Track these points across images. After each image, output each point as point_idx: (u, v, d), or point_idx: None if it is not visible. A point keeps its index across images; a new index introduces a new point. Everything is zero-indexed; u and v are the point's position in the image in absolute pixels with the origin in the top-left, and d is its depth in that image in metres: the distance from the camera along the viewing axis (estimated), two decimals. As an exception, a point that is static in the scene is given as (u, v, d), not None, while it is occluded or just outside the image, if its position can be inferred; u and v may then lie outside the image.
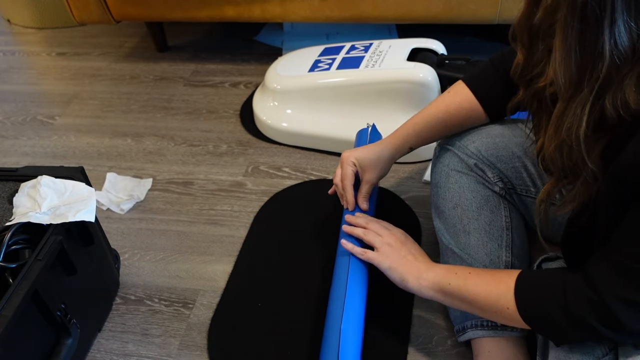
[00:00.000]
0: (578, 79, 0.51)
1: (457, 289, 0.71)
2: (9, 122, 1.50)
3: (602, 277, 0.57)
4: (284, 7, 1.45)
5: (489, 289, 0.68)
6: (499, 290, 0.67)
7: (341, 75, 1.23)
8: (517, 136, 0.87)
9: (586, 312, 0.57)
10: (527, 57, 0.66)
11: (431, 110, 0.89)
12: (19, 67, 1.77)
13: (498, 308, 0.66)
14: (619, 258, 0.55)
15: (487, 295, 0.68)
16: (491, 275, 0.70)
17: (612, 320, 0.56)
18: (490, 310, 0.68)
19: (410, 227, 1.09)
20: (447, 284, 0.73)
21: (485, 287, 0.69)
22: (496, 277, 0.69)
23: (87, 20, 1.59)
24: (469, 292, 0.70)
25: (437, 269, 0.76)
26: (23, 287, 0.69)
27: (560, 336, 0.63)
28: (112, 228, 1.14)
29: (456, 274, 0.73)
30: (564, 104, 0.54)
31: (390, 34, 1.71)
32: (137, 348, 0.92)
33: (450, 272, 0.74)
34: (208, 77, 1.62)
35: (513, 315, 0.65)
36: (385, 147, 0.92)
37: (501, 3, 1.34)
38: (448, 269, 0.75)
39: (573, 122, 0.53)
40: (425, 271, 0.76)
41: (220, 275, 1.03)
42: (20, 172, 0.86)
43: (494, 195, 0.86)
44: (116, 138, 1.41)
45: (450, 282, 0.72)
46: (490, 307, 0.68)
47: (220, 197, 1.20)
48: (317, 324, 0.90)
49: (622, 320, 0.55)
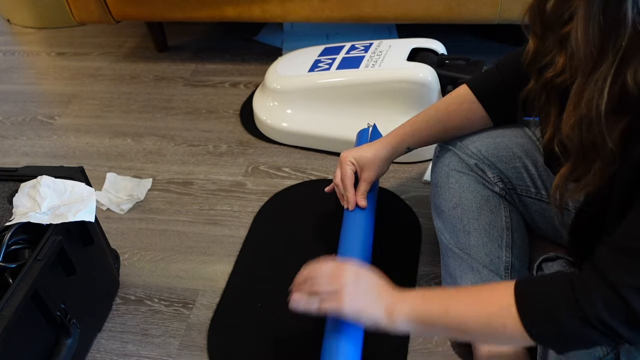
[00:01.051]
0: (600, 49, 0.50)
1: (438, 318, 0.63)
2: (9, 122, 1.50)
3: (612, 266, 0.54)
4: (284, 7, 1.45)
5: (477, 311, 0.61)
6: (489, 309, 0.61)
7: (341, 75, 1.23)
8: (518, 137, 0.87)
9: (600, 307, 0.53)
10: (539, 46, 0.65)
11: (431, 111, 0.89)
12: (19, 67, 1.77)
13: (493, 329, 0.61)
14: (629, 245, 0.53)
15: (476, 318, 0.61)
16: (475, 295, 0.64)
17: (629, 313, 0.52)
18: (482, 335, 0.63)
19: (410, 227, 1.09)
20: (426, 314, 0.64)
21: (471, 310, 0.62)
22: (482, 296, 0.63)
23: (87, 20, 1.59)
24: (453, 318, 0.62)
25: (411, 298, 0.66)
26: (23, 287, 0.69)
27: (568, 343, 0.58)
28: (112, 228, 1.14)
29: (433, 301, 0.65)
30: (584, 79, 0.53)
31: (390, 34, 1.71)
32: (137, 348, 0.92)
33: (426, 299, 0.65)
34: (208, 77, 1.62)
35: (514, 334, 0.59)
36: (382, 147, 0.91)
37: (501, 3, 1.34)
38: (423, 295, 0.66)
39: (594, 96, 0.52)
40: (398, 303, 0.66)
41: (220, 275, 1.03)
42: (20, 172, 0.86)
43: (494, 195, 0.86)
44: (116, 138, 1.41)
45: (429, 311, 0.64)
46: (482, 331, 0.62)
47: (220, 197, 1.20)
48: (317, 324, 0.90)
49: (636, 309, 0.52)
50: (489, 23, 1.41)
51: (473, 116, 0.86)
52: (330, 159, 1.27)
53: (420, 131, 0.90)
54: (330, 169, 1.24)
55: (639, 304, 0.52)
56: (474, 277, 0.82)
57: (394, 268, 1.00)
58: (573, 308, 0.55)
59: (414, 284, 0.98)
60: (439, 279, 0.93)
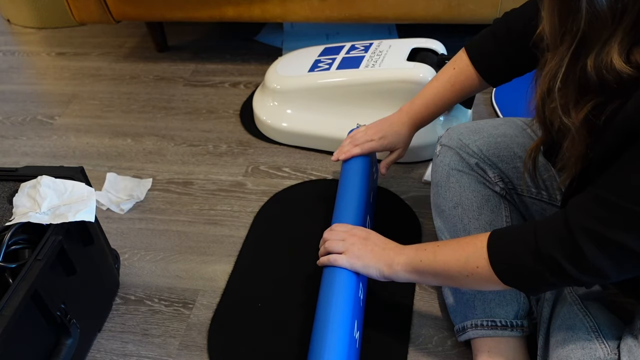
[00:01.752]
0: (559, 30, 0.53)
1: (428, 264, 0.72)
2: (9, 122, 1.50)
3: (575, 209, 0.57)
4: (284, 7, 1.45)
5: (457, 255, 0.68)
6: (467, 252, 0.67)
7: (341, 75, 1.23)
8: (519, 136, 0.87)
9: (554, 247, 0.58)
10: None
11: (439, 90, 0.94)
12: (19, 67, 1.77)
13: (468, 270, 0.66)
14: (598, 191, 0.55)
15: (456, 261, 0.68)
16: (458, 242, 0.71)
17: (577, 254, 0.56)
18: (462, 276, 0.68)
19: (410, 227, 1.09)
20: (419, 261, 0.73)
21: (453, 254, 0.69)
22: (463, 242, 0.70)
23: (87, 20, 1.59)
24: (439, 263, 0.70)
25: (407, 250, 0.76)
26: (23, 287, 0.69)
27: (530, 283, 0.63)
28: (112, 228, 1.14)
29: (425, 250, 0.73)
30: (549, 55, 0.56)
31: (390, 34, 1.71)
32: (137, 348, 0.92)
33: (420, 249, 0.74)
34: (208, 77, 1.62)
35: (484, 273, 0.65)
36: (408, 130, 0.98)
37: (501, 3, 1.34)
38: (417, 247, 0.75)
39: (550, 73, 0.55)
40: (397, 256, 0.76)
41: (220, 275, 1.03)
42: (20, 172, 0.86)
43: (494, 195, 0.86)
44: (116, 138, 1.41)
45: (422, 259, 0.72)
46: (460, 272, 0.68)
47: (220, 197, 1.20)
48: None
49: (586, 255, 0.55)
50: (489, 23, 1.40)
51: (472, 84, 0.90)
52: (330, 159, 1.27)
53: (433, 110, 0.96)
54: (330, 169, 1.24)
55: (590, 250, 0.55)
56: (474, 276, 0.83)
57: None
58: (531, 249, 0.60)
59: (413, 284, 0.98)
60: (439, 279, 0.93)
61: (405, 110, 0.98)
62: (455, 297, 0.85)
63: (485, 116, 1.36)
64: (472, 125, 0.92)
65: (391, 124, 0.99)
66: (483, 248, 0.65)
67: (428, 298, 0.96)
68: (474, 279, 0.67)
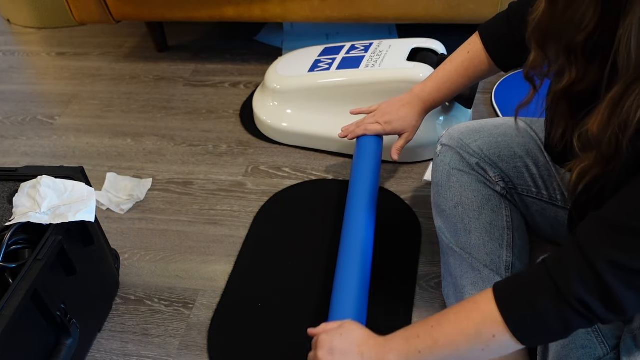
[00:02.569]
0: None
1: (429, 352, 0.61)
2: (9, 122, 1.50)
3: (589, 238, 0.53)
4: (284, 7, 1.45)
5: (462, 329, 0.60)
6: (474, 321, 0.59)
7: (341, 75, 1.23)
8: (520, 136, 0.87)
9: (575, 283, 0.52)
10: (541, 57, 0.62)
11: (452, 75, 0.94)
12: (19, 67, 1.77)
13: (483, 343, 0.58)
14: (609, 217, 0.52)
15: (465, 337, 0.59)
16: (456, 314, 0.62)
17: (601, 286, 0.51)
18: (475, 351, 0.59)
19: (410, 227, 1.09)
20: (417, 353, 0.62)
21: (457, 330, 0.60)
22: (463, 311, 0.61)
23: (87, 20, 1.59)
24: (441, 347, 0.61)
25: (395, 343, 0.64)
26: (23, 287, 0.69)
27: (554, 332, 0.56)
28: (112, 228, 1.14)
29: (419, 337, 0.62)
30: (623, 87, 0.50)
31: (390, 34, 1.71)
32: (137, 348, 0.92)
33: (411, 338, 0.63)
34: (208, 77, 1.62)
35: (504, 340, 0.57)
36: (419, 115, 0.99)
37: (501, 3, 1.34)
38: (406, 336, 0.64)
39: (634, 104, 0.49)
40: (386, 353, 0.64)
41: (220, 275, 1.03)
42: (20, 172, 0.86)
43: (495, 195, 0.86)
44: (116, 138, 1.41)
45: (419, 349, 0.62)
46: (473, 347, 0.59)
47: (220, 197, 1.20)
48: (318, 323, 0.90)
49: (609, 284, 0.51)
50: (489, 23, 1.40)
51: (485, 68, 0.91)
52: (331, 159, 1.27)
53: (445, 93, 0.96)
54: (331, 169, 1.24)
55: (611, 277, 0.51)
56: (475, 276, 0.82)
57: (394, 268, 1.01)
58: (550, 290, 0.54)
59: (414, 284, 0.98)
60: (439, 279, 0.93)
61: (416, 93, 0.98)
62: (456, 297, 0.85)
63: (485, 116, 1.36)
64: (473, 125, 0.91)
65: (399, 107, 0.99)
66: (493, 310, 0.57)
67: (428, 298, 0.96)
68: (491, 350, 0.59)
